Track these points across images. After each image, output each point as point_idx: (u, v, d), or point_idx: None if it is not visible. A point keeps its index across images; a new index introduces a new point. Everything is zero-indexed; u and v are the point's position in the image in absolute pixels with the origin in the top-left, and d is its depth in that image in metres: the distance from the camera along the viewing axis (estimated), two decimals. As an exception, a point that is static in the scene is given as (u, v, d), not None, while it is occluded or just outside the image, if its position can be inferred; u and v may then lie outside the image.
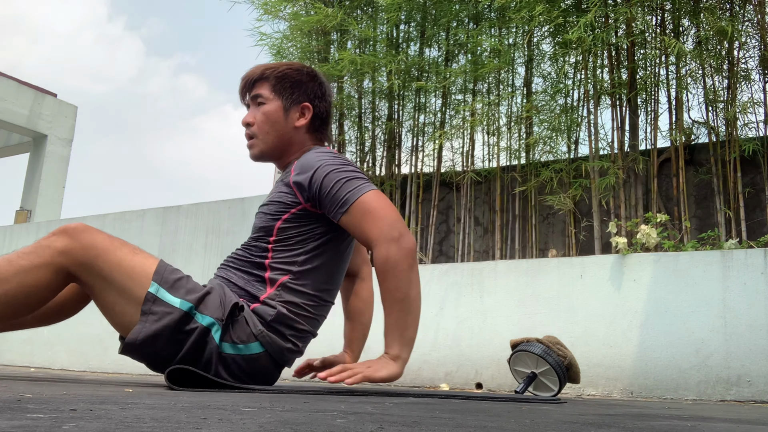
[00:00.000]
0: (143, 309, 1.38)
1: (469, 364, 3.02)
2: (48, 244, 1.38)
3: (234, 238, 4.47)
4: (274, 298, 1.51)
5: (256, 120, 1.67)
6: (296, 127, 1.67)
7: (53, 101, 8.66)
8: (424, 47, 4.30)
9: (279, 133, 1.66)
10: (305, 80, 1.70)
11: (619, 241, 2.94)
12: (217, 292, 1.46)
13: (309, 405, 0.96)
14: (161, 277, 1.42)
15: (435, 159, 4.16)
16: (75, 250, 1.37)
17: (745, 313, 2.56)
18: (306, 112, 1.68)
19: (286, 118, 1.66)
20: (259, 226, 1.60)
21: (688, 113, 3.60)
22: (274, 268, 1.54)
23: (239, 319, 1.46)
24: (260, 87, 1.68)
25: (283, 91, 1.67)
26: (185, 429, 0.58)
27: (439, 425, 0.73)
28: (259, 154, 1.69)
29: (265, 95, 1.67)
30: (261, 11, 4.31)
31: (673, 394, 2.61)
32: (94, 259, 1.38)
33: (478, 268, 3.16)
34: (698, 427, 0.90)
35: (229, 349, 1.44)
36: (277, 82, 1.67)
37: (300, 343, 1.56)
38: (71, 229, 1.39)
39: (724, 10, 3.49)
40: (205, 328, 1.41)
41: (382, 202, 1.49)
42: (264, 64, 1.72)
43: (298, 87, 1.68)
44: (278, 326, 1.49)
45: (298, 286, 1.53)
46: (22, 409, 0.68)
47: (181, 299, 1.41)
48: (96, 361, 4.30)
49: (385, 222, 1.46)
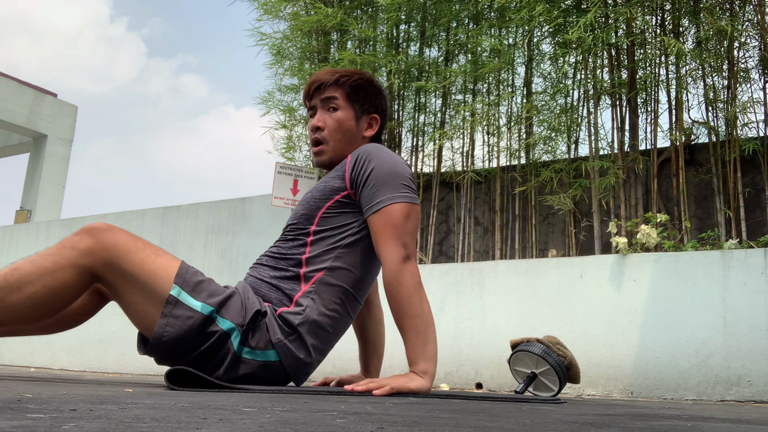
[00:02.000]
0: (164, 311, 1.39)
1: (469, 364, 3.02)
2: (72, 245, 1.37)
3: (234, 238, 4.47)
4: (308, 295, 1.51)
5: (327, 125, 1.66)
6: (364, 137, 1.70)
7: (53, 101, 8.66)
8: (424, 47, 4.30)
9: (349, 141, 1.67)
10: (376, 92, 1.72)
11: (619, 241, 2.94)
12: (238, 296, 1.46)
13: (309, 405, 0.96)
14: (183, 279, 1.42)
15: (435, 159, 4.16)
16: (99, 251, 1.37)
17: (745, 313, 2.56)
18: (374, 123, 1.71)
19: (356, 127, 1.68)
20: (301, 212, 1.59)
21: (688, 113, 3.61)
22: (311, 263, 1.54)
23: (260, 325, 1.46)
24: (334, 92, 1.67)
25: (357, 100, 1.68)
26: (185, 429, 0.58)
27: (439, 425, 0.73)
28: (328, 162, 1.68)
29: (339, 101, 1.67)
30: (261, 11, 4.32)
31: (673, 394, 2.61)
32: (118, 260, 1.38)
33: (478, 268, 3.16)
34: (698, 427, 0.90)
35: (245, 353, 1.45)
36: (352, 90, 1.67)
37: (314, 355, 1.54)
38: (95, 228, 1.39)
39: (724, 10, 3.49)
40: (225, 333, 1.42)
41: (406, 218, 1.51)
42: (335, 70, 1.71)
43: (370, 98, 1.70)
44: (304, 333, 1.49)
45: (332, 280, 1.53)
46: (22, 409, 0.68)
47: (202, 303, 1.41)
48: (96, 361, 4.30)
49: (399, 240, 1.48)
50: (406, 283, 1.46)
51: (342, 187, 1.56)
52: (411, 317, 1.45)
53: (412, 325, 1.45)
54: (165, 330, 1.38)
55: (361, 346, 1.89)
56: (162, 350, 1.41)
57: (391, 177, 1.52)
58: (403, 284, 1.46)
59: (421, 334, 1.45)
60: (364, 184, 1.53)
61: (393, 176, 1.53)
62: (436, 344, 1.48)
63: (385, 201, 1.50)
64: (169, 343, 1.39)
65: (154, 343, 1.40)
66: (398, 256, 1.47)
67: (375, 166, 1.53)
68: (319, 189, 1.60)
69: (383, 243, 1.49)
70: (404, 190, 1.53)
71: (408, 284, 1.46)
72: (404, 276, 1.46)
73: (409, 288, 1.46)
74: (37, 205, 8.14)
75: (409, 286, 1.46)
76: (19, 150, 9.30)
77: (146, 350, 1.44)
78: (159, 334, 1.39)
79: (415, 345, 1.45)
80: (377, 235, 1.50)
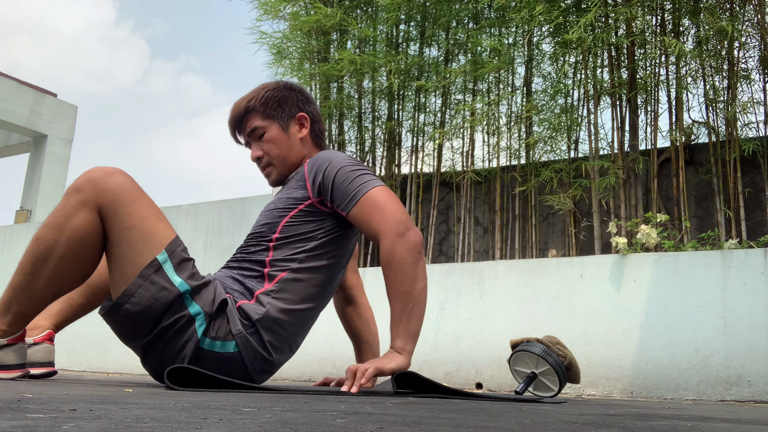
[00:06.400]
0: (143, 272, 1.37)
1: (469, 364, 3.02)
2: (75, 189, 1.39)
3: (234, 238, 4.47)
4: (269, 294, 1.51)
5: (264, 151, 1.70)
6: (301, 139, 1.72)
7: (53, 101, 8.66)
8: (424, 47, 4.30)
9: (290, 152, 1.69)
10: (287, 94, 1.73)
11: (619, 241, 2.94)
12: (213, 285, 1.47)
13: (309, 405, 0.96)
14: (173, 250, 1.42)
15: (435, 159, 4.16)
16: (105, 191, 1.38)
17: (745, 313, 2.56)
18: (303, 121, 1.73)
19: (289, 136, 1.70)
20: (263, 222, 1.61)
21: (688, 113, 3.60)
22: (274, 265, 1.55)
23: (222, 315, 1.46)
24: (251, 120, 1.70)
25: (274, 113, 1.70)
26: (185, 429, 0.58)
27: (439, 425, 0.73)
28: (279, 179, 1.72)
29: (260, 125, 1.69)
30: (261, 11, 4.32)
31: (673, 394, 2.61)
32: (122, 207, 1.38)
33: (478, 268, 3.16)
34: (698, 427, 0.90)
35: (206, 344, 1.44)
36: (264, 107, 1.69)
37: (275, 355, 1.53)
38: (99, 170, 1.40)
39: (724, 10, 3.49)
40: (191, 317, 1.41)
41: (389, 197, 1.53)
42: (241, 99, 1.74)
43: (285, 102, 1.71)
44: (261, 329, 1.49)
45: (294, 283, 1.54)
46: (22, 409, 0.68)
47: (182, 280, 1.40)
48: (96, 361, 4.30)
49: (392, 216, 1.49)
50: (402, 257, 1.46)
51: (305, 197, 1.58)
52: (399, 293, 1.46)
53: (400, 301, 1.46)
54: (137, 291, 1.37)
55: (356, 348, 1.90)
56: (123, 315, 1.39)
57: (354, 170, 1.55)
58: (397, 259, 1.47)
59: (406, 310, 1.46)
60: (332, 185, 1.54)
61: (355, 169, 1.55)
62: (420, 322, 1.49)
63: (361, 190, 1.52)
64: (135, 307, 1.37)
65: (119, 302, 1.38)
66: (394, 229, 1.48)
67: (335, 167, 1.55)
68: (282, 200, 1.61)
69: (375, 224, 1.50)
70: (369, 177, 1.55)
71: (403, 259, 1.46)
72: (400, 250, 1.46)
73: (403, 264, 1.46)
74: (37, 205, 8.14)
75: (405, 261, 1.46)
76: (19, 150, 9.29)
77: (108, 310, 1.42)
78: (130, 292, 1.37)
79: (399, 321, 1.46)
80: (366, 221, 1.51)
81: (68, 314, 1.75)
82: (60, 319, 1.75)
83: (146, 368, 1.52)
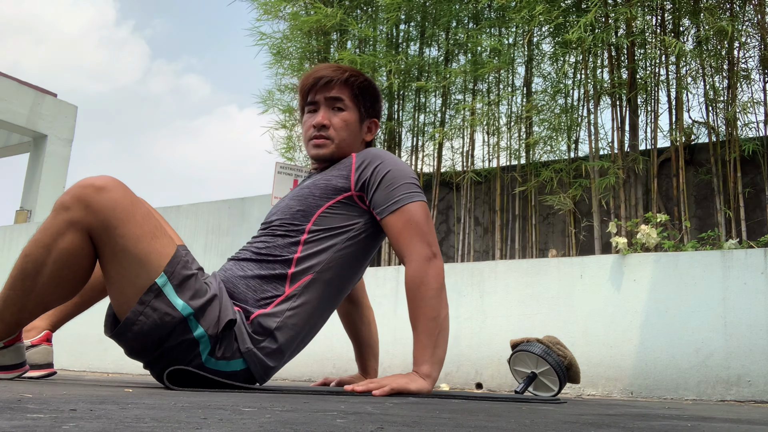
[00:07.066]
0: (143, 298, 1.31)
1: (469, 364, 3.02)
2: (62, 206, 1.31)
3: (234, 238, 4.47)
4: (290, 299, 1.46)
5: (332, 124, 1.62)
6: (363, 140, 1.68)
7: (53, 101, 8.66)
8: (424, 47, 4.30)
9: (351, 143, 1.63)
10: (377, 96, 1.70)
11: (619, 241, 2.94)
12: (218, 302, 1.39)
13: (309, 405, 0.96)
14: (173, 270, 1.33)
15: (435, 159, 4.16)
16: (96, 212, 1.29)
17: (745, 313, 2.56)
18: (373, 127, 1.70)
19: (359, 130, 1.66)
20: (297, 208, 1.53)
21: (688, 113, 3.61)
22: (302, 263, 1.48)
23: (229, 335, 1.39)
24: (343, 91, 1.63)
25: (363, 103, 1.65)
26: (185, 429, 0.58)
27: (439, 425, 0.73)
28: (328, 156, 1.62)
29: (346, 102, 1.63)
30: (261, 11, 4.32)
31: (673, 394, 2.61)
32: (114, 229, 1.29)
33: (479, 268, 3.16)
34: (698, 427, 0.90)
35: (211, 364, 1.39)
36: (360, 92, 1.64)
37: (284, 359, 1.50)
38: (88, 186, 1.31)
39: (724, 10, 3.49)
40: (194, 340, 1.35)
41: (426, 216, 1.50)
42: (340, 67, 1.66)
43: (376, 101, 1.69)
44: (279, 335, 1.44)
45: (316, 286, 1.49)
46: (22, 409, 0.68)
47: (184, 303, 1.33)
48: (96, 361, 4.30)
49: (425, 238, 1.47)
50: (429, 283, 1.44)
51: (346, 188, 1.52)
52: (427, 319, 1.43)
53: (427, 326, 1.43)
54: (138, 318, 1.32)
55: (357, 348, 1.89)
56: (129, 338, 1.35)
57: (404, 178, 1.51)
58: (425, 284, 1.44)
59: (433, 336, 1.43)
60: (377, 185, 1.49)
61: (405, 177, 1.51)
62: (445, 350, 1.46)
63: (404, 200, 1.48)
64: (139, 333, 1.33)
65: (123, 329, 1.33)
66: (423, 254, 1.45)
67: (387, 168, 1.51)
68: (319, 186, 1.54)
69: (407, 242, 1.46)
70: (416, 189, 1.52)
71: (430, 285, 1.44)
72: (428, 276, 1.44)
73: (430, 289, 1.44)
74: (37, 205, 8.14)
75: (431, 287, 1.44)
76: (19, 150, 9.30)
77: (113, 333, 1.38)
78: (131, 321, 1.32)
79: (425, 347, 1.43)
80: (399, 235, 1.47)
81: (64, 313, 1.74)
82: (56, 318, 1.74)
83: (153, 376, 1.49)
